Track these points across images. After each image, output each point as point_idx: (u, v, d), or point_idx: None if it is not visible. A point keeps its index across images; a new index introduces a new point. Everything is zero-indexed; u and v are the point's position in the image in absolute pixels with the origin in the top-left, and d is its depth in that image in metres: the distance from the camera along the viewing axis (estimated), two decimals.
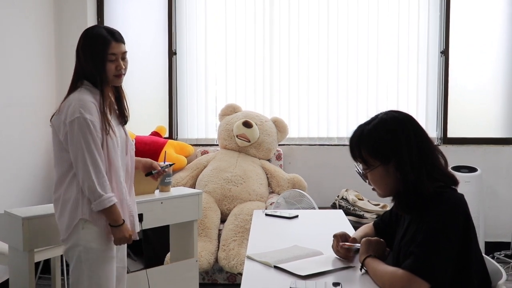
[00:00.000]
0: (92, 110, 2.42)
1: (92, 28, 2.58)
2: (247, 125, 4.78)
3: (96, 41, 2.49)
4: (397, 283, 1.79)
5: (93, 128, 2.40)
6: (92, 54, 2.48)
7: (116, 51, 2.50)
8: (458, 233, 1.80)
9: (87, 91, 2.48)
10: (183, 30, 5.29)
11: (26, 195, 4.48)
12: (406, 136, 1.91)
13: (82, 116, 2.38)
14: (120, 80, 2.56)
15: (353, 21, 5.19)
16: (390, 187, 1.95)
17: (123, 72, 2.55)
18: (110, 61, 2.49)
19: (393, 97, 5.18)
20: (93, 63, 2.48)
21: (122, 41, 2.54)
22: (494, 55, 5.15)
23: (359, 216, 4.52)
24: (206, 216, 4.36)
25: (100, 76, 2.48)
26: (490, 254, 4.81)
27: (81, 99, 2.43)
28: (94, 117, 2.41)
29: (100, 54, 2.47)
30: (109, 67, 2.49)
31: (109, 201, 2.40)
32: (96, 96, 2.48)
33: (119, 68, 2.51)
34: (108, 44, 2.48)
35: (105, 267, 2.48)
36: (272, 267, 2.11)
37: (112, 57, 2.49)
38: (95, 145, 2.40)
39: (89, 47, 2.50)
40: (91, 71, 2.48)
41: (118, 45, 2.51)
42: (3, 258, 3.33)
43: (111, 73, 2.50)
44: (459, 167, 4.76)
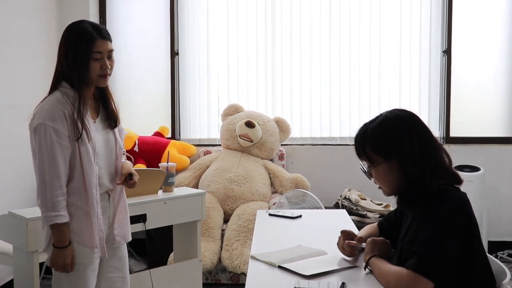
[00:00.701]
0: (57, 117, 2.24)
1: (77, 23, 2.35)
2: (249, 125, 4.79)
3: (80, 37, 2.28)
4: (402, 283, 1.80)
5: (54, 136, 2.23)
6: (75, 51, 2.28)
7: (102, 49, 2.29)
8: (461, 232, 1.80)
9: (62, 95, 2.31)
10: (185, 30, 5.29)
11: (30, 196, 4.48)
12: (409, 133, 1.92)
13: (44, 123, 2.23)
14: (106, 80, 2.36)
15: (355, 20, 5.19)
16: (394, 184, 1.96)
17: (108, 72, 2.34)
18: (94, 60, 2.28)
19: (396, 96, 5.18)
20: (74, 61, 2.28)
21: (108, 38, 2.34)
22: (496, 54, 5.15)
23: (362, 215, 4.52)
24: (209, 216, 4.36)
25: (79, 76, 2.28)
26: (493, 253, 4.81)
27: (48, 105, 2.27)
28: (59, 124, 2.24)
29: (83, 52, 2.27)
30: (93, 66, 2.28)
31: (49, 220, 2.23)
32: (71, 100, 2.30)
33: (104, 67, 2.31)
34: (93, 41, 2.27)
35: (84, 277, 2.36)
36: (276, 267, 2.11)
37: (97, 55, 2.28)
38: (50, 155, 2.23)
39: (72, 43, 2.29)
40: (70, 70, 2.30)
41: (104, 42, 2.30)
42: (8, 259, 3.34)
43: (95, 73, 2.30)
44: (462, 167, 4.76)
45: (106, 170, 2.44)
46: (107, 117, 2.46)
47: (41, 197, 2.26)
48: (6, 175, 4.17)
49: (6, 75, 4.19)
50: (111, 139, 2.46)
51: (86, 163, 2.30)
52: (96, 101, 2.46)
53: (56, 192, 2.25)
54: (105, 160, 2.43)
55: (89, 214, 2.34)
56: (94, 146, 2.34)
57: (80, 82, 2.30)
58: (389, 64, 5.20)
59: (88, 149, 2.31)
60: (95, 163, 2.34)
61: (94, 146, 2.34)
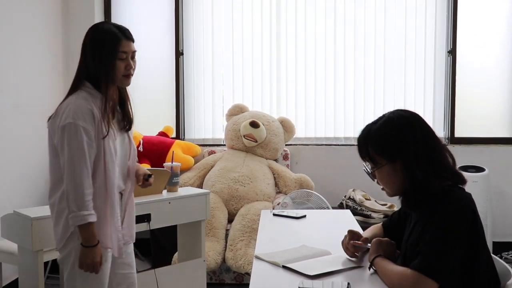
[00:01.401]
0: (87, 117, 2.27)
1: (102, 23, 2.45)
2: (254, 125, 4.79)
3: (106, 38, 2.33)
4: (406, 284, 1.79)
5: (85, 136, 2.25)
6: (101, 51, 2.32)
7: (127, 49, 2.36)
8: (466, 233, 1.80)
9: (86, 94, 2.34)
10: (190, 30, 5.30)
11: (35, 195, 4.50)
12: (413, 134, 1.91)
13: (74, 122, 2.24)
14: (129, 80, 2.41)
15: (360, 21, 5.20)
16: (398, 185, 1.95)
17: (132, 72, 2.39)
18: (120, 60, 2.33)
19: (400, 96, 5.18)
20: (100, 61, 2.32)
21: (132, 39, 2.40)
22: (501, 54, 5.14)
23: (366, 216, 4.52)
24: (214, 216, 4.36)
25: (106, 76, 2.32)
26: (498, 254, 4.80)
27: (77, 104, 2.28)
28: (88, 124, 2.27)
29: (110, 51, 2.32)
30: (118, 65, 2.34)
31: (82, 219, 2.24)
32: (96, 100, 2.33)
33: (128, 67, 2.37)
34: (119, 42, 2.33)
35: (98, 277, 2.38)
36: (281, 267, 2.11)
37: (122, 55, 2.34)
38: (81, 155, 2.25)
39: (98, 43, 2.34)
40: (96, 70, 2.34)
41: (128, 43, 2.37)
42: (13, 258, 3.35)
43: (120, 73, 2.35)
44: (466, 167, 4.75)
45: (120, 170, 2.47)
46: (123, 118, 2.49)
47: (73, 196, 2.24)
48: (10, 174, 4.19)
49: (10, 75, 4.20)
50: (125, 140, 2.51)
51: (109, 163, 2.34)
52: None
53: (88, 191, 2.27)
54: (120, 161, 2.46)
55: (106, 215, 2.36)
56: (116, 147, 2.39)
57: (107, 81, 2.34)
58: (394, 64, 5.20)
59: (111, 149, 2.35)
60: (116, 163, 2.39)
61: (115, 146, 2.38)
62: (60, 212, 2.35)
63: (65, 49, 5.01)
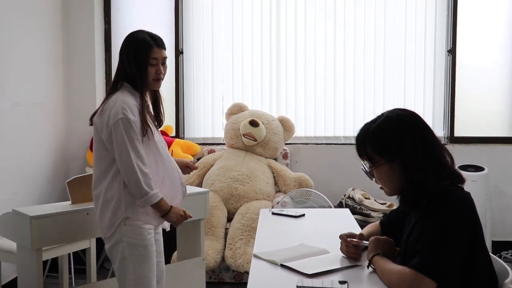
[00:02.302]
0: (135, 112, 2.52)
1: (136, 32, 2.66)
2: (253, 124, 4.79)
3: (140, 45, 2.59)
4: (404, 282, 1.79)
5: (136, 128, 2.50)
6: (135, 57, 2.58)
7: (158, 56, 2.60)
8: (466, 232, 1.80)
9: (128, 93, 2.59)
10: (189, 29, 5.30)
11: (34, 194, 4.50)
12: (411, 133, 1.91)
13: (126, 117, 2.48)
14: (159, 84, 2.66)
15: (360, 20, 5.19)
16: (396, 184, 1.95)
17: (162, 77, 2.64)
18: (151, 65, 2.59)
19: (400, 96, 5.18)
20: (135, 66, 2.57)
21: (163, 47, 2.65)
22: (501, 54, 5.14)
23: (365, 215, 4.52)
24: (213, 215, 4.37)
25: (141, 79, 2.58)
26: (497, 253, 4.80)
27: (124, 101, 2.53)
28: (136, 118, 2.52)
29: (142, 58, 2.57)
30: (149, 70, 2.59)
31: (156, 197, 2.53)
32: (136, 98, 2.58)
33: (158, 72, 2.61)
34: (151, 49, 2.58)
35: (148, 261, 2.59)
36: (279, 266, 2.11)
37: (153, 61, 2.59)
38: (139, 144, 2.51)
39: (133, 50, 2.59)
40: (132, 73, 2.58)
41: (159, 50, 2.62)
42: (12, 257, 3.35)
43: (151, 77, 2.60)
44: (466, 166, 4.75)
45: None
46: (155, 118, 2.76)
47: (135, 181, 2.49)
48: (10, 173, 4.19)
49: (11, 74, 4.21)
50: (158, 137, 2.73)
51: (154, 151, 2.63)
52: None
53: (149, 175, 2.53)
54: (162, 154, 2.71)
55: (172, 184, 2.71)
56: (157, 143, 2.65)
57: (142, 84, 2.59)
58: (393, 63, 5.20)
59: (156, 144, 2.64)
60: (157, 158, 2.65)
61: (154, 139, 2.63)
62: (107, 201, 2.56)
63: (65, 48, 5.01)
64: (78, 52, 5.05)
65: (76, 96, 5.07)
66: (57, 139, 4.91)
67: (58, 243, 3.29)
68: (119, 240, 2.56)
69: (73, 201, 3.03)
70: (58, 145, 4.92)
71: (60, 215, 2.85)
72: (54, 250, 3.42)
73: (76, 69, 5.06)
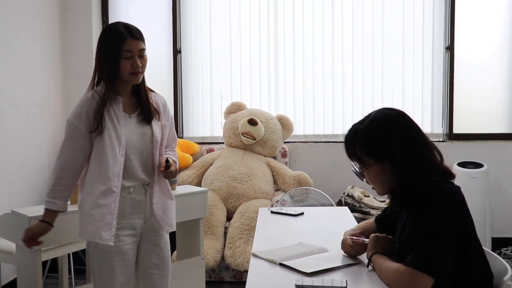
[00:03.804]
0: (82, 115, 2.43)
1: (111, 24, 2.52)
2: (252, 122, 4.79)
3: (113, 37, 2.43)
4: (401, 280, 1.79)
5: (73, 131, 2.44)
6: (107, 50, 2.43)
7: (132, 48, 2.42)
8: (457, 225, 1.80)
9: (92, 95, 2.48)
10: (187, 28, 5.29)
11: (33, 195, 4.50)
12: (399, 133, 1.92)
13: (70, 119, 2.46)
14: (138, 78, 2.48)
15: (357, 17, 5.19)
16: (387, 184, 1.96)
17: (139, 70, 2.46)
18: (125, 58, 2.41)
19: (398, 93, 5.18)
20: (106, 60, 2.43)
21: (139, 38, 2.46)
22: (499, 51, 5.13)
23: (365, 213, 4.52)
24: (212, 214, 4.37)
25: (110, 74, 2.43)
26: (496, 250, 4.80)
27: (79, 103, 2.48)
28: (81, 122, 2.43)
29: (114, 51, 2.41)
30: (123, 64, 2.41)
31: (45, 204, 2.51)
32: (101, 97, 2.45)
33: (135, 65, 2.43)
34: (124, 41, 2.40)
35: (110, 262, 2.48)
36: (278, 264, 2.11)
37: (127, 54, 2.41)
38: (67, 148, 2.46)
39: (105, 43, 2.45)
40: (102, 68, 2.45)
41: (135, 42, 2.43)
42: (11, 257, 3.34)
43: (127, 71, 2.43)
44: (465, 163, 4.74)
45: (139, 162, 2.53)
46: (141, 112, 2.56)
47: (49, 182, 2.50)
48: (8, 173, 4.18)
49: (9, 74, 4.20)
50: (146, 133, 2.55)
51: (109, 153, 2.44)
52: (134, 98, 2.58)
53: (58, 181, 2.47)
54: (138, 153, 2.53)
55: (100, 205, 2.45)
56: (120, 138, 2.46)
57: (110, 80, 2.45)
58: (392, 60, 5.19)
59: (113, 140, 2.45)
60: (119, 154, 2.46)
61: (120, 137, 2.46)
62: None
63: (63, 48, 5.01)
64: (76, 52, 5.05)
65: (75, 96, 5.02)
66: (55, 139, 4.90)
67: (57, 244, 3.28)
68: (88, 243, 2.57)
69: (72, 201, 3.02)
70: (56, 145, 4.90)
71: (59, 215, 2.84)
72: (53, 251, 3.42)
73: (74, 68, 5.05)
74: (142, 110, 2.56)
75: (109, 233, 2.43)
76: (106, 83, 2.45)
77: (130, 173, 2.50)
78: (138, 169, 2.52)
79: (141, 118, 2.55)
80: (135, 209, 2.54)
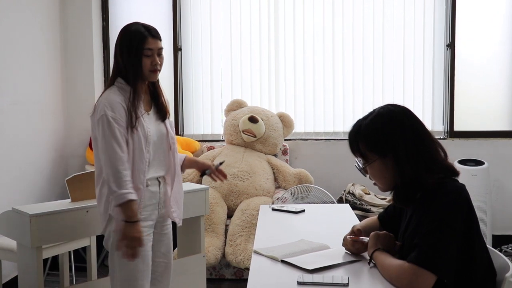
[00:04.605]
0: (116, 108, 2.48)
1: (130, 24, 2.61)
2: (253, 120, 4.78)
3: (133, 37, 2.53)
4: (404, 277, 1.79)
5: (116, 125, 2.46)
6: (128, 49, 2.53)
7: (152, 46, 2.54)
8: (461, 224, 1.80)
9: (118, 89, 2.55)
10: (188, 25, 5.29)
11: (34, 192, 4.50)
12: (402, 129, 1.91)
13: (105, 114, 2.46)
14: (156, 75, 2.60)
15: (358, 14, 5.18)
16: (389, 181, 1.95)
17: (158, 68, 2.59)
18: (146, 56, 2.53)
19: (399, 90, 5.18)
20: (129, 58, 2.53)
21: (158, 37, 2.59)
22: (500, 48, 5.13)
23: (365, 210, 4.51)
24: (213, 212, 4.36)
25: (134, 71, 2.53)
26: (497, 247, 4.80)
27: (108, 98, 2.51)
28: (117, 114, 2.47)
29: (136, 49, 2.52)
30: (144, 62, 2.53)
31: (121, 198, 2.41)
32: (126, 94, 2.54)
33: (154, 63, 2.55)
34: (145, 40, 2.52)
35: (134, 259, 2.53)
36: (279, 261, 2.11)
37: (148, 52, 2.53)
38: (116, 141, 2.45)
39: (126, 42, 2.55)
40: (125, 67, 2.54)
41: (154, 41, 2.55)
42: (12, 255, 3.35)
43: (147, 68, 2.54)
44: (466, 161, 4.75)
45: (157, 157, 2.64)
46: (158, 110, 2.69)
47: (112, 178, 2.43)
48: (9, 171, 4.18)
49: (9, 72, 4.20)
50: (162, 130, 2.68)
51: (137, 150, 2.53)
52: (148, 96, 2.69)
53: (126, 172, 2.45)
54: (156, 149, 2.63)
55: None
56: (146, 135, 2.57)
57: (135, 77, 2.54)
58: (392, 58, 5.19)
59: (140, 137, 2.54)
60: (145, 150, 2.56)
61: (146, 135, 2.56)
62: (100, 197, 2.56)
63: (63, 46, 5.00)
64: (76, 49, 5.05)
65: (75, 94, 5.06)
66: (56, 137, 4.90)
67: (58, 241, 3.29)
68: (109, 236, 2.57)
69: (72, 199, 3.02)
70: (57, 143, 4.92)
71: (59, 213, 2.85)
72: (54, 248, 3.42)
73: (74, 66, 5.05)
74: (159, 108, 2.69)
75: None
76: (132, 81, 2.54)
77: (150, 168, 2.60)
78: (155, 164, 2.63)
79: (158, 116, 2.68)
80: (152, 200, 2.63)
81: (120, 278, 2.57)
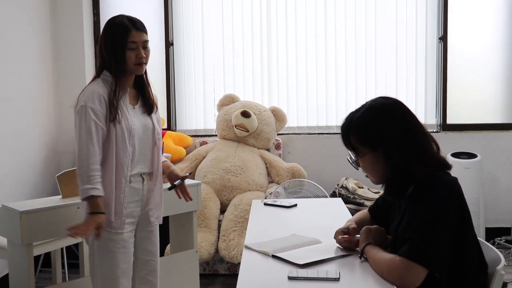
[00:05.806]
0: (96, 99, 2.45)
1: (115, 17, 2.58)
2: (245, 115, 4.77)
3: (117, 29, 2.50)
4: (395, 271, 1.79)
5: (93, 116, 2.42)
6: (112, 42, 2.50)
7: (137, 39, 2.51)
8: (454, 217, 1.79)
9: (102, 82, 2.52)
10: (180, 20, 5.26)
11: (25, 189, 4.47)
12: (393, 122, 1.91)
13: (85, 105, 2.44)
14: (141, 68, 2.56)
15: (351, 8, 5.16)
16: (381, 173, 1.95)
17: (143, 61, 2.55)
18: (130, 49, 2.49)
19: (392, 84, 5.17)
20: (112, 51, 2.49)
21: (143, 30, 2.55)
22: (492, 41, 5.12)
23: (359, 204, 4.51)
24: (206, 207, 4.35)
25: (117, 64, 2.49)
26: (490, 239, 4.81)
27: (90, 89, 2.49)
28: (97, 105, 2.44)
29: (120, 42, 2.48)
30: (128, 55, 2.49)
31: (85, 193, 2.40)
32: (110, 86, 2.51)
33: (139, 56, 2.51)
34: (128, 32, 2.49)
35: (112, 253, 2.52)
36: (270, 256, 2.11)
37: (132, 45, 2.49)
38: (89, 135, 2.42)
39: (110, 35, 2.51)
40: (109, 59, 2.50)
41: (138, 33, 2.52)
42: (2, 252, 3.32)
43: (131, 62, 2.51)
44: (458, 154, 4.75)
45: (142, 152, 2.60)
46: (144, 104, 2.65)
47: (79, 171, 2.42)
48: (0, 168, 4.15)
49: (0, 68, 4.17)
50: (148, 124, 2.63)
51: (120, 143, 2.49)
52: (135, 89, 2.65)
53: (93, 167, 2.42)
54: (141, 144, 2.59)
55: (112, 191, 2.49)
56: (130, 128, 2.53)
57: (118, 70, 2.51)
58: (385, 51, 5.17)
59: (124, 130, 2.50)
60: (129, 144, 2.52)
61: (130, 128, 2.52)
62: None
63: (54, 42, 4.97)
64: (67, 45, 5.01)
65: (66, 89, 5.02)
66: (47, 133, 4.88)
67: (49, 238, 3.27)
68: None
69: (63, 195, 3.01)
70: (48, 139, 4.89)
71: (50, 209, 2.83)
72: (46, 245, 3.40)
73: (66, 62, 5.02)
74: (145, 102, 2.65)
75: (119, 221, 2.53)
76: (115, 74, 2.51)
77: (133, 163, 2.56)
78: (139, 159, 2.59)
79: (144, 110, 2.64)
80: (135, 197, 2.60)
81: (101, 275, 2.54)
